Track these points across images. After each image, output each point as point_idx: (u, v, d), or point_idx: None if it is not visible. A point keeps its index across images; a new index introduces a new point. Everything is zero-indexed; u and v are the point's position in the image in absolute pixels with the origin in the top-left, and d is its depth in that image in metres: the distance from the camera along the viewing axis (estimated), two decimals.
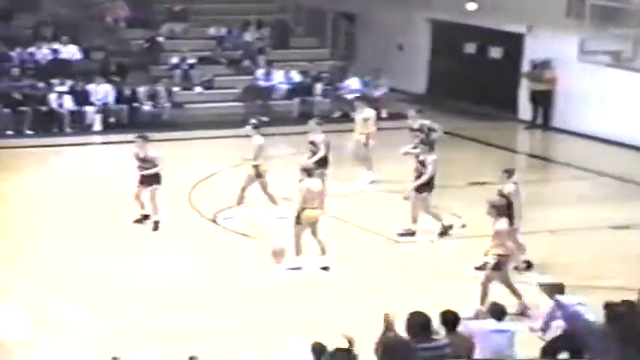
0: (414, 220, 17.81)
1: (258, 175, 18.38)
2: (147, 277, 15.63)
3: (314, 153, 19.08)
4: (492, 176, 18.23)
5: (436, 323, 10.07)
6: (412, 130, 20.11)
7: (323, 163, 18.87)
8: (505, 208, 14.86)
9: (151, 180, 17.81)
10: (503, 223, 14.35)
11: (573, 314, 11.23)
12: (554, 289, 11.77)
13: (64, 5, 28.83)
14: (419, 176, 17.51)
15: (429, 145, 18.09)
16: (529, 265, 16.25)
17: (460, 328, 10.48)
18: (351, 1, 31.56)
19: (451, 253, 17.10)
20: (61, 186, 20.61)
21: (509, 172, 16.34)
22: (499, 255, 14.20)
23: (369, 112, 21.33)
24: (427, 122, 20.43)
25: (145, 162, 17.85)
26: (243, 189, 18.42)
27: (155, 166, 17.80)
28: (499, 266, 14.22)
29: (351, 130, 21.42)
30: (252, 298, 14.82)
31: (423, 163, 17.55)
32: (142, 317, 13.91)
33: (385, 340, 9.62)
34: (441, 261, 16.69)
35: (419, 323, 9.66)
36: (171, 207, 18.25)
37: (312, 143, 19.26)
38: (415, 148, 18.42)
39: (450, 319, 10.37)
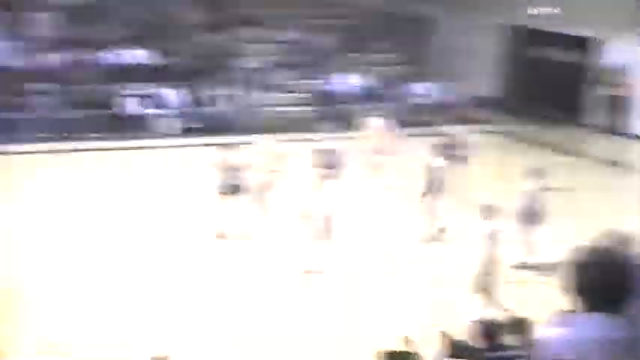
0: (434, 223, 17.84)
1: None
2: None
3: None
4: (561, 182, 18.11)
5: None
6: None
7: None
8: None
9: (236, 188, 17.46)
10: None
11: None
12: None
13: (139, 10, 29.25)
14: (430, 181, 17.60)
15: (460, 157, 18.76)
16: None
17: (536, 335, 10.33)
18: (424, 6, 31.56)
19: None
20: (133, 190, 20.75)
21: (536, 173, 16.07)
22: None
23: (378, 122, 21.31)
24: (458, 134, 20.42)
25: (235, 170, 17.41)
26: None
27: (242, 173, 17.40)
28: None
29: (419, 135, 21.39)
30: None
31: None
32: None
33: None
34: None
35: (484, 331, 9.73)
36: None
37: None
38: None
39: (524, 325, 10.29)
